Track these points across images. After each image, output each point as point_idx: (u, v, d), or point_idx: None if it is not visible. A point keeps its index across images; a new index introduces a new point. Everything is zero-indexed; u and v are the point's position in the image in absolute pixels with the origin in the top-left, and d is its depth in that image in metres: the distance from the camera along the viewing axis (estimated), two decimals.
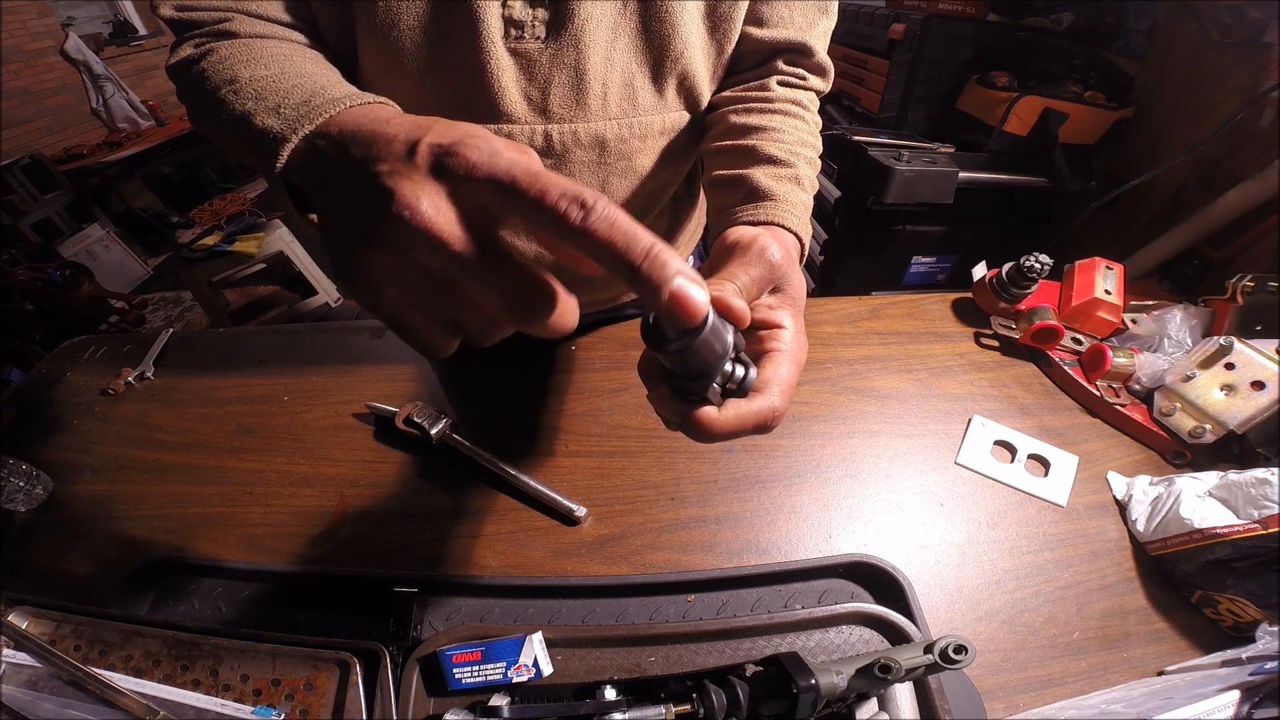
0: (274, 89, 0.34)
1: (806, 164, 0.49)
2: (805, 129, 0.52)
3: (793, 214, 0.42)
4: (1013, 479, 0.58)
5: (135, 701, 0.39)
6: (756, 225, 0.40)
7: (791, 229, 0.40)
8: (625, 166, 0.55)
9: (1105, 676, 0.45)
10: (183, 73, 0.42)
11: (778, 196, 0.43)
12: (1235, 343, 0.59)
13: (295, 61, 0.39)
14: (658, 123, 0.54)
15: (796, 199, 0.44)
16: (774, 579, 0.49)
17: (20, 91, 3.57)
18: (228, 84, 0.36)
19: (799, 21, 0.53)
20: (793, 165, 0.47)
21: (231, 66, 0.38)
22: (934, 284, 1.65)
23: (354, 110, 0.29)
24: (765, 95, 0.53)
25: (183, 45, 0.43)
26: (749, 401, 0.29)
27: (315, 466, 0.61)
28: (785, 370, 0.31)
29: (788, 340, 0.32)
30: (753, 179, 0.45)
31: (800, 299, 0.35)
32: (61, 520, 0.58)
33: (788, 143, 0.49)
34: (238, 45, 0.41)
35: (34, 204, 3.17)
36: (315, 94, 0.32)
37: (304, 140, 0.29)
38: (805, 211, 0.44)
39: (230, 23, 0.43)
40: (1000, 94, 1.45)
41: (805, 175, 0.47)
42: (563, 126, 0.50)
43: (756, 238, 0.34)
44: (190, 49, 0.42)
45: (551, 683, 0.42)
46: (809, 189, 0.47)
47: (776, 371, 0.30)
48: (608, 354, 0.74)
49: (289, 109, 0.31)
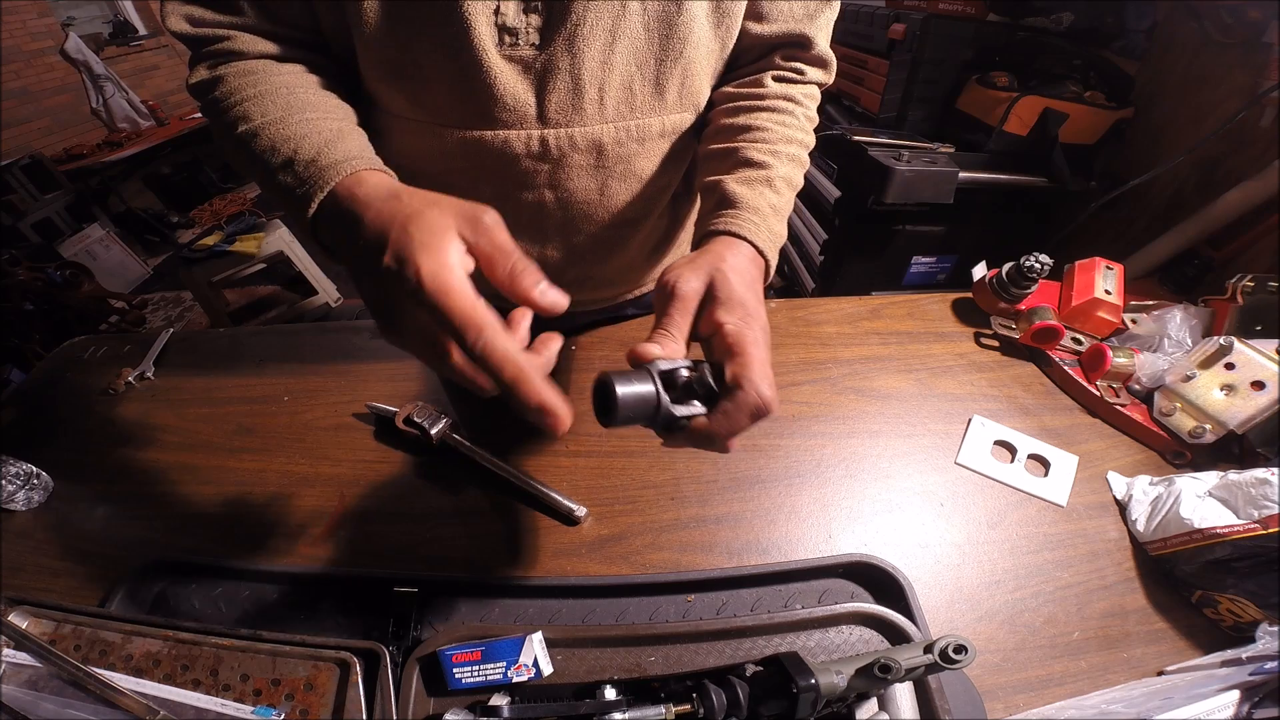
0: (284, 138, 0.40)
1: (787, 161, 0.50)
2: (793, 124, 0.52)
3: (752, 220, 0.44)
4: (1013, 479, 0.58)
5: (135, 701, 0.39)
6: (717, 235, 0.43)
7: (745, 236, 0.43)
8: (624, 170, 0.55)
9: (1105, 676, 0.45)
10: (200, 95, 0.46)
11: (742, 203, 0.45)
12: (1235, 343, 0.58)
13: (299, 95, 0.44)
14: (657, 125, 0.53)
15: (763, 202, 0.46)
16: (774, 579, 0.49)
17: (20, 91, 3.57)
18: (243, 120, 0.42)
19: (798, 13, 0.52)
20: (768, 167, 0.48)
21: (242, 104, 0.42)
22: (934, 284, 1.65)
23: (344, 186, 0.36)
24: (757, 92, 0.53)
25: (198, 66, 0.46)
26: (732, 400, 0.32)
27: (315, 466, 0.61)
28: (753, 356, 0.33)
29: (731, 332, 0.34)
30: (724, 186, 0.47)
31: (735, 297, 0.36)
32: (61, 520, 0.58)
33: (770, 141, 0.50)
34: (245, 76, 0.44)
35: (34, 204, 3.16)
36: (321, 152, 0.38)
37: (318, 205, 0.37)
38: (772, 213, 0.46)
39: (233, 41, 0.45)
40: (1000, 94, 1.45)
41: (780, 175, 0.48)
42: (559, 131, 0.50)
43: (667, 280, 0.37)
44: (205, 71, 0.45)
45: (551, 683, 0.42)
46: (784, 188, 0.49)
47: (743, 363, 0.33)
48: (608, 354, 0.74)
49: (301, 166, 0.38)
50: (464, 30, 0.44)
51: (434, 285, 0.29)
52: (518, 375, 0.29)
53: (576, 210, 0.56)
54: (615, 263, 0.65)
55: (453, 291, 0.29)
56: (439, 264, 0.29)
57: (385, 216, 0.32)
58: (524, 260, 0.32)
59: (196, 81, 0.45)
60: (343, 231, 0.35)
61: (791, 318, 0.79)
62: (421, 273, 0.29)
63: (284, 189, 0.38)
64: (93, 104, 3.77)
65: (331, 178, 0.36)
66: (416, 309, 0.30)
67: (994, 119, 1.46)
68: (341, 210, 0.35)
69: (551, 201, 0.55)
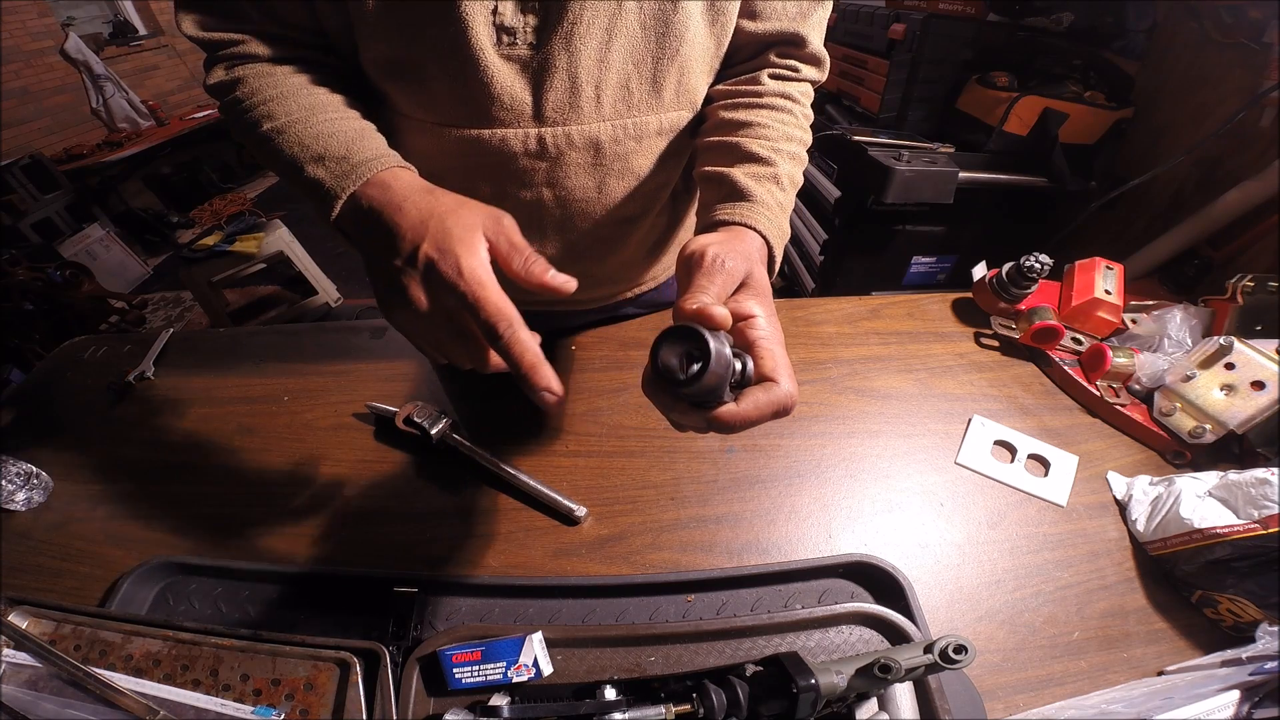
0: (313, 135, 0.42)
1: (789, 159, 0.50)
2: (793, 122, 0.53)
3: (765, 215, 0.44)
4: (1013, 479, 0.58)
5: (135, 701, 0.39)
6: (730, 225, 0.44)
7: (759, 230, 0.43)
8: (622, 168, 0.55)
9: (1105, 676, 0.45)
10: (220, 95, 0.47)
11: (754, 198, 0.46)
12: (1235, 343, 0.59)
13: (318, 96, 0.46)
14: (654, 123, 0.53)
15: (772, 199, 0.46)
16: (774, 579, 0.49)
17: (20, 91, 3.56)
18: (266, 119, 0.44)
19: (791, 12, 0.52)
20: (773, 164, 0.49)
21: (266, 103, 0.44)
22: (934, 284, 1.65)
23: (379, 180, 0.39)
24: (755, 89, 0.53)
25: (215, 68, 0.47)
26: (766, 392, 0.33)
27: (315, 466, 0.61)
28: (780, 355, 0.34)
29: (764, 326, 0.35)
30: (733, 177, 0.47)
31: (764, 289, 0.38)
32: (61, 520, 0.58)
33: (772, 139, 0.50)
34: (264, 77, 0.46)
35: (34, 204, 3.16)
36: (350, 150, 0.41)
37: (348, 198, 0.39)
38: (780, 210, 0.47)
39: (247, 45, 0.46)
40: (1000, 94, 1.45)
41: (785, 173, 0.49)
42: (556, 130, 0.50)
43: (707, 250, 0.37)
44: (222, 72, 0.46)
45: (551, 682, 0.42)
46: (789, 186, 0.49)
47: (775, 360, 0.34)
48: (608, 354, 0.74)
49: (333, 162, 0.41)
50: (462, 30, 0.44)
51: (472, 278, 0.33)
52: (535, 361, 0.33)
53: (575, 208, 0.56)
54: (614, 260, 0.65)
55: (487, 285, 0.33)
56: (476, 260, 0.34)
57: (424, 210, 0.36)
58: (535, 254, 0.36)
59: (215, 82, 0.46)
60: (372, 222, 0.38)
61: (791, 318, 0.79)
62: (461, 265, 0.33)
63: (312, 183, 0.41)
64: (93, 104, 3.77)
65: (364, 173, 0.40)
66: (445, 295, 0.34)
67: (994, 119, 1.46)
68: (372, 203, 0.38)
69: (550, 200, 0.55)
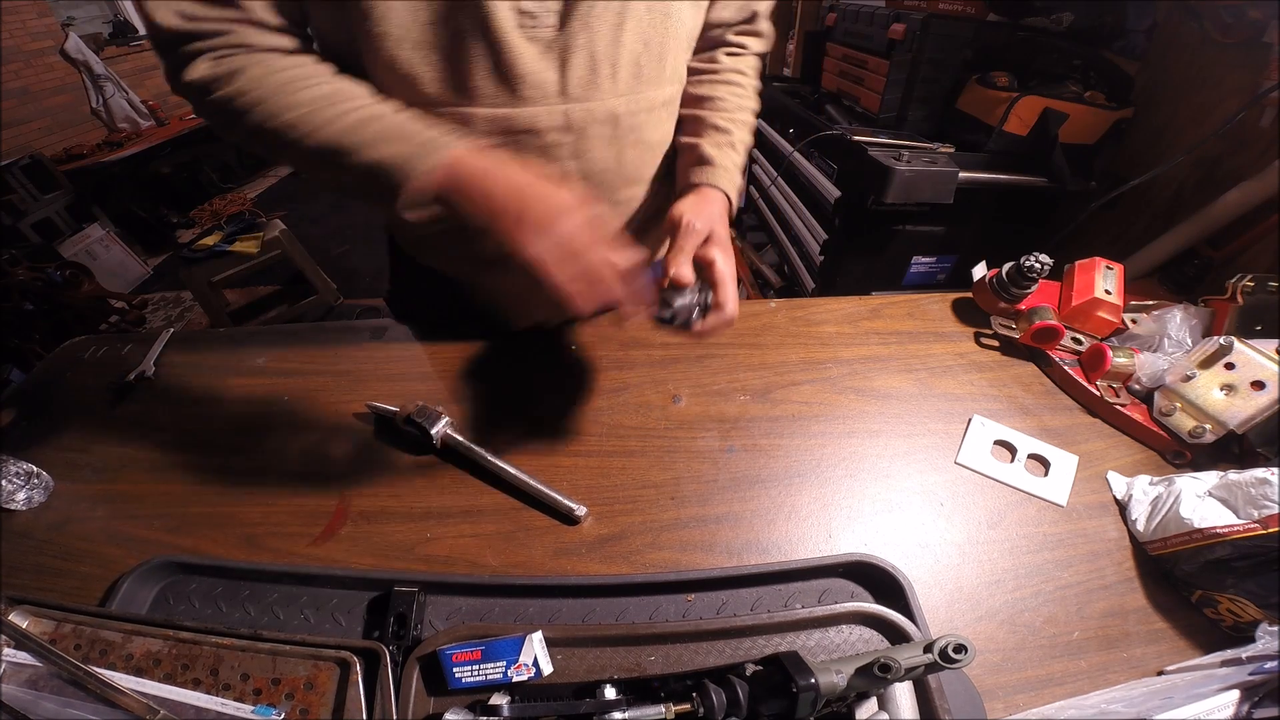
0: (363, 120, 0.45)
1: (742, 127, 0.63)
2: (744, 94, 0.65)
3: (725, 177, 0.59)
4: (1013, 479, 0.58)
5: (135, 701, 0.39)
6: (700, 186, 0.58)
7: (722, 188, 0.58)
8: (635, 139, 0.60)
9: (1105, 676, 0.45)
10: (207, 90, 0.44)
11: (716, 163, 0.59)
12: (1235, 343, 0.59)
13: (339, 84, 0.47)
14: (659, 96, 0.59)
15: (730, 162, 0.60)
16: (774, 578, 0.49)
17: (20, 91, 3.56)
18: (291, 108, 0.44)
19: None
20: (730, 132, 0.61)
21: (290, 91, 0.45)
22: (934, 284, 1.64)
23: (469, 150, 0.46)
24: (713, 67, 0.64)
25: (198, 61, 0.44)
26: (717, 315, 0.51)
27: (315, 466, 0.61)
28: (731, 288, 0.51)
29: (721, 268, 0.52)
30: (700, 147, 0.60)
31: (724, 240, 0.54)
32: (61, 520, 0.58)
33: (729, 110, 0.62)
34: (269, 64, 0.45)
35: (34, 204, 3.16)
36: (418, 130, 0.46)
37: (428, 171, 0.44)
38: (737, 170, 0.61)
39: (235, 35, 0.44)
40: (1000, 94, 1.45)
41: (739, 140, 0.62)
42: (580, 105, 0.54)
43: (683, 216, 0.52)
44: (209, 65, 0.44)
45: (551, 682, 0.42)
46: (742, 150, 0.62)
47: (725, 293, 0.51)
48: (608, 354, 0.74)
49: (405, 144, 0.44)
50: (484, 15, 0.47)
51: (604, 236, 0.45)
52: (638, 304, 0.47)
53: (596, 179, 0.61)
54: (623, 229, 0.69)
55: None
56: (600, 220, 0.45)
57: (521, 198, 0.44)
58: None
59: (197, 77, 0.44)
60: (475, 186, 0.44)
61: (791, 318, 0.80)
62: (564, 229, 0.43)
63: (380, 163, 0.44)
64: (93, 104, 3.78)
65: (443, 145, 0.45)
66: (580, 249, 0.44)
67: (994, 119, 1.46)
68: (467, 172, 0.44)
69: (574, 172, 0.59)
